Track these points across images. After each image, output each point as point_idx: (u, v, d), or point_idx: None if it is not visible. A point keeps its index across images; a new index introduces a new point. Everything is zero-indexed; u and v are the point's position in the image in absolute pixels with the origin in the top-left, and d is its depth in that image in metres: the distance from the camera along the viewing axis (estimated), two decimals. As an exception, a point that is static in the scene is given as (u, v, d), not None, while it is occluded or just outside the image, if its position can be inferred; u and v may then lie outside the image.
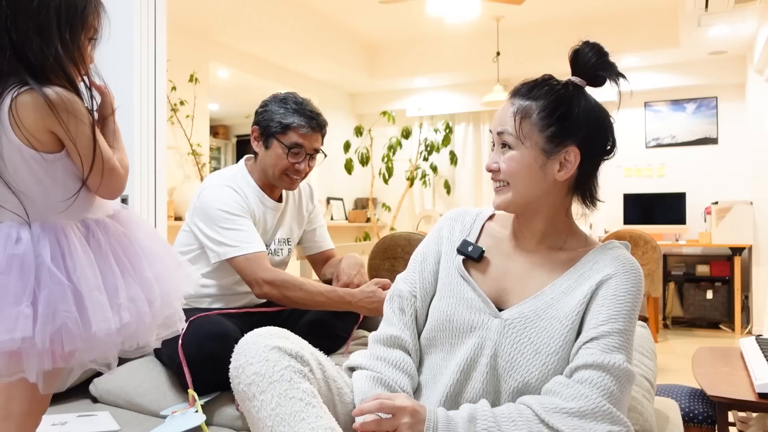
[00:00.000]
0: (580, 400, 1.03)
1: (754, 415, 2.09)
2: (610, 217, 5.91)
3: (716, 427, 1.87)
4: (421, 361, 1.28)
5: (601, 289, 1.14)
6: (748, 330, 5.16)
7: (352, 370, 1.27)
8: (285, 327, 1.85)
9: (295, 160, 1.86)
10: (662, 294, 5.48)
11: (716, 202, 5.23)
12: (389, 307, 1.31)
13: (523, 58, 5.65)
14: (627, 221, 5.71)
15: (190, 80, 4.68)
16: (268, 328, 1.16)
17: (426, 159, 6.51)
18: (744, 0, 3.86)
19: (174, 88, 4.46)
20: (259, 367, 1.07)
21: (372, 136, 6.49)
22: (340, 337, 1.97)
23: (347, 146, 6.31)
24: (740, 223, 5.07)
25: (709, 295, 5.31)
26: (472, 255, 1.25)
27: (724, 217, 5.13)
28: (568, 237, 1.24)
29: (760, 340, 2.19)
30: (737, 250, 5.12)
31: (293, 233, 2.05)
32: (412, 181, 6.56)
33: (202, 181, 1.95)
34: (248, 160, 1.98)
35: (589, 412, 1.02)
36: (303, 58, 5.59)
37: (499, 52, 5.43)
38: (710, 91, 5.72)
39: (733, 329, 5.14)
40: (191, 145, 4.77)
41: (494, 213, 1.35)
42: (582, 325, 1.13)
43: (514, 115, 1.17)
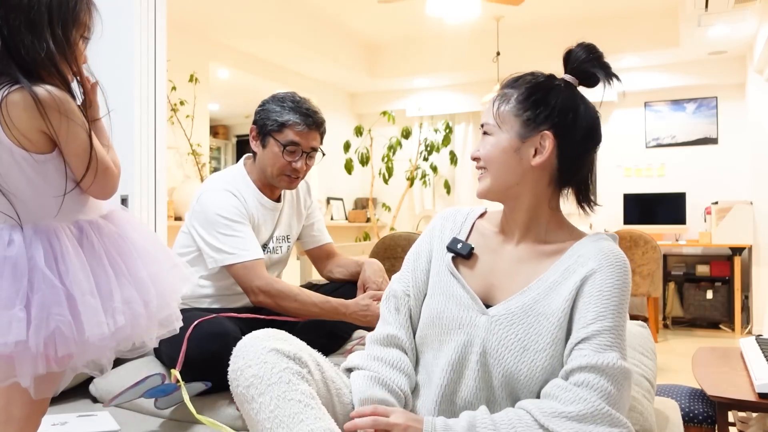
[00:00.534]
0: (579, 404, 1.02)
1: (754, 415, 2.09)
2: (610, 217, 5.91)
3: (716, 427, 1.87)
4: (418, 360, 1.28)
5: (586, 286, 1.13)
6: (748, 330, 5.16)
7: (350, 371, 1.27)
8: (286, 327, 1.87)
9: (291, 158, 1.86)
10: (662, 294, 5.48)
11: (716, 202, 5.23)
12: (385, 307, 1.32)
13: (523, 58, 5.65)
14: (627, 221, 5.71)
15: (190, 80, 4.68)
16: (266, 330, 1.16)
17: (426, 159, 6.51)
18: (744, 0, 3.86)
19: (174, 88, 4.46)
20: (258, 370, 1.07)
21: (372, 136, 6.49)
22: (341, 337, 1.97)
23: (347, 146, 6.30)
24: (740, 223, 5.07)
25: (709, 295, 5.31)
26: (462, 252, 1.26)
27: (724, 217, 5.13)
28: (553, 229, 1.24)
29: (760, 340, 2.19)
30: (737, 250, 5.12)
31: (292, 230, 2.05)
32: (412, 181, 6.56)
33: (202, 184, 1.95)
34: (248, 159, 1.97)
35: (588, 416, 1.01)
36: (303, 58, 5.59)
37: (499, 52, 5.44)
38: (710, 91, 5.72)
39: (733, 329, 5.14)
40: (191, 145, 4.77)
41: (485, 211, 1.36)
42: (570, 324, 1.13)
43: (494, 102, 1.22)
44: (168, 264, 1.16)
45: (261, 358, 1.08)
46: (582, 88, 1.24)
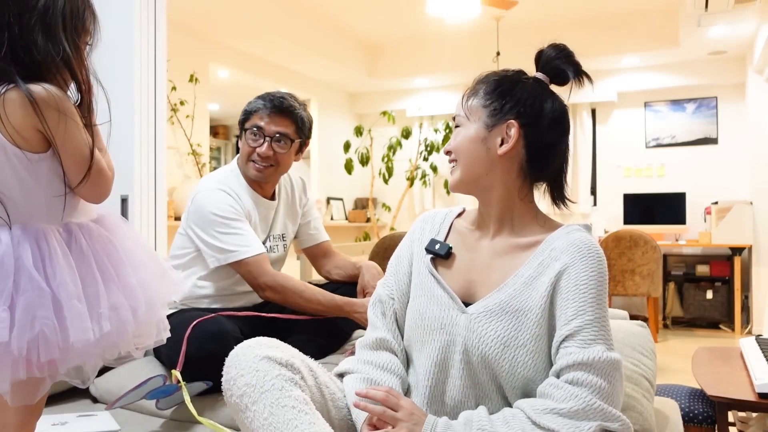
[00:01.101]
0: (571, 401, 1.03)
1: (754, 415, 2.09)
2: (610, 217, 5.91)
3: (716, 427, 1.87)
4: (408, 363, 1.29)
5: (562, 281, 1.13)
6: (748, 330, 5.16)
7: (341, 377, 1.27)
8: (286, 327, 1.87)
9: (254, 143, 1.87)
10: (662, 294, 5.48)
11: (716, 202, 5.23)
12: (372, 313, 1.34)
13: (523, 58, 5.63)
14: (627, 221, 5.70)
15: (190, 80, 4.69)
16: (258, 338, 1.16)
17: (426, 159, 6.51)
18: (744, 0, 3.86)
19: (174, 88, 4.46)
20: (250, 378, 1.07)
21: (372, 136, 6.49)
22: (341, 337, 1.97)
23: (347, 146, 6.30)
24: (740, 223, 5.07)
25: (709, 295, 5.31)
26: (440, 252, 1.27)
27: (724, 217, 5.13)
28: (526, 222, 1.25)
29: (760, 340, 2.19)
30: (737, 250, 5.12)
31: (288, 229, 2.05)
32: (412, 181, 6.56)
33: (196, 184, 1.96)
34: (240, 158, 1.98)
35: (580, 412, 1.02)
36: (303, 58, 5.59)
37: (499, 52, 5.43)
38: (710, 91, 5.72)
39: (733, 329, 5.14)
40: (191, 145, 4.77)
41: (463, 210, 1.38)
42: (551, 320, 1.14)
43: (464, 96, 1.27)
44: (158, 271, 1.14)
45: (253, 366, 1.08)
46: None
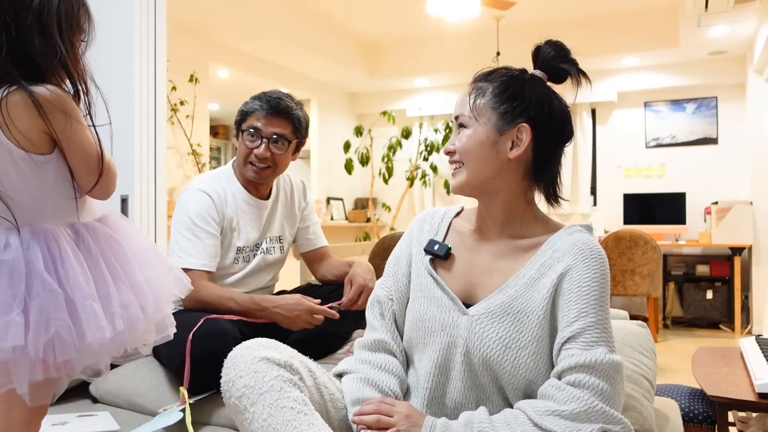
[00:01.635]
0: (573, 403, 1.03)
1: (754, 415, 2.09)
2: (610, 217, 5.91)
3: (716, 427, 1.87)
4: (408, 364, 1.28)
5: (564, 282, 1.13)
6: (748, 330, 5.15)
7: (340, 377, 1.27)
8: (285, 328, 1.87)
9: (252, 144, 1.85)
10: (662, 294, 5.48)
11: (716, 202, 5.23)
12: (371, 314, 1.33)
13: (523, 58, 5.63)
14: (627, 221, 5.70)
15: (190, 80, 4.69)
16: (256, 339, 1.16)
17: (426, 159, 6.51)
18: (744, 0, 3.86)
19: (174, 88, 4.47)
20: (249, 380, 1.07)
21: (372, 136, 6.49)
22: (341, 337, 1.97)
23: (347, 146, 6.31)
24: (740, 223, 5.07)
25: (709, 295, 5.31)
26: (439, 253, 1.26)
27: (724, 217, 5.13)
28: (529, 224, 1.23)
29: (760, 340, 2.19)
30: (737, 250, 5.12)
31: (285, 231, 2.04)
32: (412, 181, 6.56)
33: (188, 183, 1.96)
34: (237, 159, 1.98)
35: (581, 414, 1.02)
36: (303, 58, 5.59)
37: (499, 52, 5.43)
38: (710, 91, 5.72)
39: (733, 329, 5.13)
40: (191, 145, 4.77)
41: (462, 209, 1.36)
42: (553, 322, 1.13)
43: (470, 95, 1.22)
44: (164, 268, 1.15)
45: (251, 367, 1.08)
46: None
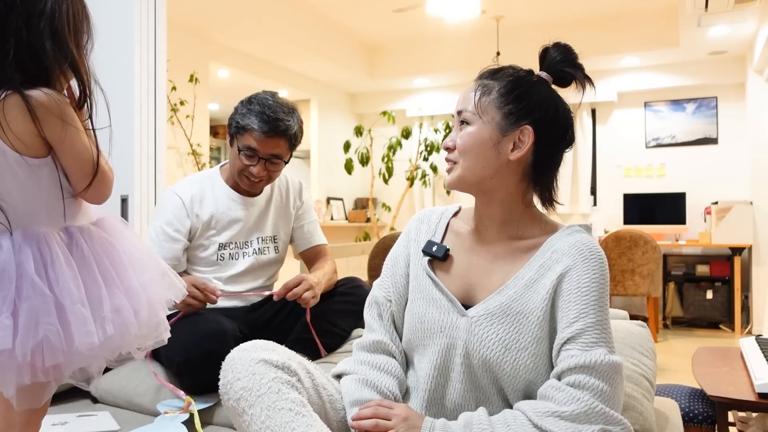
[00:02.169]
0: (573, 404, 1.02)
1: (754, 415, 2.09)
2: (610, 217, 5.91)
3: (716, 427, 1.87)
4: (408, 365, 1.28)
5: (564, 283, 1.12)
6: (748, 330, 5.16)
7: (339, 378, 1.27)
8: (284, 327, 1.87)
9: (249, 162, 1.84)
10: (662, 294, 5.48)
11: (716, 202, 5.23)
12: (369, 314, 1.33)
13: (523, 58, 5.62)
14: (627, 221, 5.70)
15: (190, 80, 4.69)
16: (254, 341, 1.16)
17: (426, 159, 6.51)
18: (744, 0, 3.86)
19: (174, 88, 4.47)
20: (247, 382, 1.07)
21: (372, 136, 6.49)
22: (340, 336, 1.97)
23: (347, 146, 6.31)
24: (740, 223, 5.07)
25: (709, 295, 5.31)
26: (437, 255, 1.25)
27: (724, 217, 5.13)
28: (527, 224, 1.23)
29: (760, 340, 2.19)
30: (737, 250, 5.12)
31: (279, 230, 2.03)
32: (412, 181, 6.56)
33: None
34: (231, 167, 1.98)
35: (581, 415, 1.01)
36: (303, 58, 5.59)
37: (499, 52, 5.43)
38: (710, 91, 5.72)
39: (733, 329, 5.14)
40: (191, 145, 4.77)
41: (459, 209, 1.35)
42: (552, 322, 1.13)
43: (475, 92, 1.20)
44: (159, 272, 1.14)
45: (249, 369, 1.08)
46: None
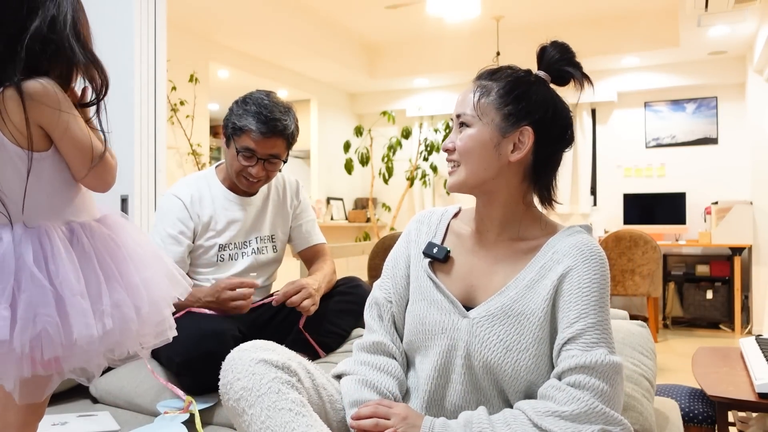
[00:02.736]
0: (573, 404, 1.03)
1: (754, 415, 2.09)
2: (610, 217, 5.91)
3: (716, 427, 1.87)
4: (408, 366, 1.28)
5: (565, 284, 1.12)
6: (748, 330, 5.15)
7: (338, 378, 1.27)
8: (283, 327, 1.87)
9: (247, 163, 1.84)
10: (662, 294, 5.48)
11: (716, 202, 5.23)
12: (369, 315, 1.33)
13: (523, 58, 5.62)
14: (627, 221, 5.70)
15: (190, 80, 4.69)
16: (254, 342, 1.16)
17: (426, 159, 6.51)
18: (744, 0, 3.86)
19: (174, 88, 4.46)
20: (246, 382, 1.07)
21: (372, 136, 6.49)
22: (340, 335, 1.97)
23: (347, 146, 6.31)
24: (740, 223, 5.07)
25: (709, 295, 5.31)
26: (438, 256, 1.25)
27: (724, 217, 5.13)
28: (528, 225, 1.23)
29: (760, 340, 2.19)
30: (737, 250, 5.12)
31: (277, 230, 2.03)
32: (412, 181, 6.56)
33: None
34: (229, 168, 1.98)
35: (582, 415, 1.02)
36: (303, 58, 5.59)
37: (499, 52, 5.43)
38: (710, 91, 5.72)
39: (733, 329, 5.13)
40: (191, 145, 4.77)
41: (459, 210, 1.35)
42: (553, 323, 1.13)
43: (474, 93, 1.19)
44: (162, 270, 1.14)
45: (249, 369, 1.08)
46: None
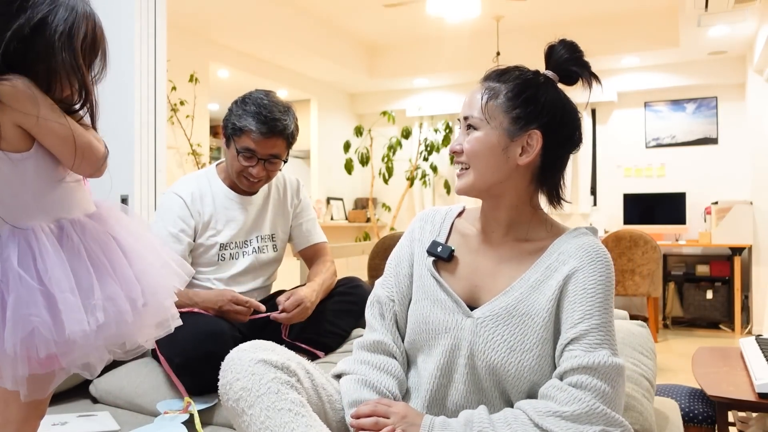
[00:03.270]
0: (574, 404, 1.02)
1: (754, 415, 2.09)
2: (610, 217, 5.91)
3: (716, 427, 1.87)
4: (409, 365, 1.28)
5: (570, 285, 1.12)
6: (748, 330, 5.15)
7: (338, 378, 1.27)
8: (283, 327, 1.87)
9: (247, 163, 1.84)
10: (662, 294, 5.48)
11: (716, 202, 5.23)
12: (370, 314, 1.32)
13: (523, 58, 5.62)
14: (627, 221, 5.70)
15: (190, 80, 4.69)
16: (253, 342, 1.16)
17: (426, 159, 6.51)
18: (744, 0, 3.86)
19: (174, 88, 4.47)
20: (246, 382, 1.07)
21: (372, 136, 6.49)
22: (340, 336, 1.97)
23: (347, 146, 6.31)
24: (740, 223, 5.07)
25: (709, 295, 5.31)
26: (442, 255, 1.25)
27: (724, 217, 5.13)
28: (534, 227, 1.23)
29: (760, 340, 2.19)
30: (737, 250, 5.12)
31: (277, 229, 2.03)
32: (412, 181, 6.56)
33: None
34: (229, 168, 1.98)
35: (583, 415, 1.01)
36: (303, 58, 5.59)
37: (499, 52, 5.43)
38: (710, 91, 5.72)
39: (733, 329, 5.13)
40: (191, 145, 4.77)
41: (464, 209, 1.35)
42: (557, 323, 1.13)
43: (482, 96, 1.18)
44: (159, 260, 1.13)
45: (249, 370, 1.08)
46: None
